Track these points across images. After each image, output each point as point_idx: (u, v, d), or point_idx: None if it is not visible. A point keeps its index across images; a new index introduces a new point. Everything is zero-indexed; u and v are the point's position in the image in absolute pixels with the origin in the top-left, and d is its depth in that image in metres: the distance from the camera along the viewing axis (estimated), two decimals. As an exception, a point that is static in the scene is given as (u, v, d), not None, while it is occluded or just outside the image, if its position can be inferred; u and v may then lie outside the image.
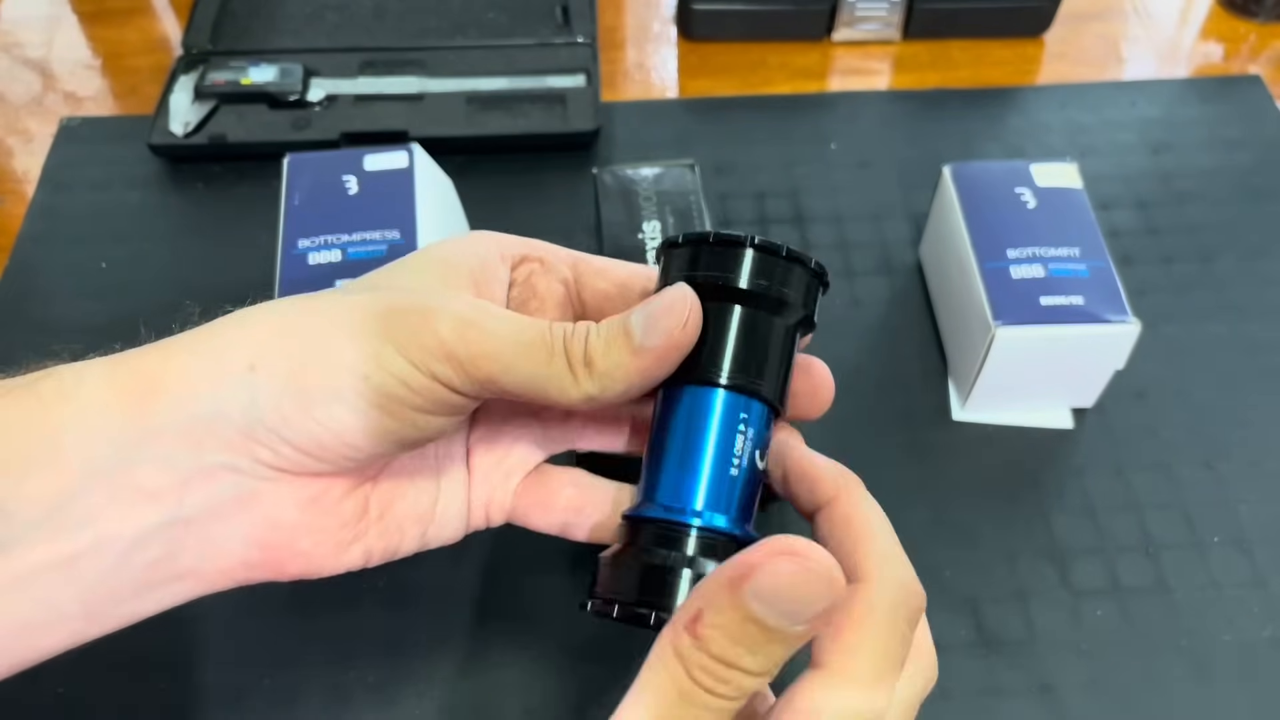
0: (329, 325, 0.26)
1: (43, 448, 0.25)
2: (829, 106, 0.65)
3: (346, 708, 0.42)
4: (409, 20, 0.67)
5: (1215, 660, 0.44)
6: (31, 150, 0.63)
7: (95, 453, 0.25)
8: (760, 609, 0.21)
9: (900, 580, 0.25)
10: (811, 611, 0.22)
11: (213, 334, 0.27)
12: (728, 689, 0.22)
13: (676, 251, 0.29)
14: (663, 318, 0.27)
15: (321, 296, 0.27)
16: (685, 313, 0.27)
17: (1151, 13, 0.71)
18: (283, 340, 0.26)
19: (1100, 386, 0.49)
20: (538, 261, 0.31)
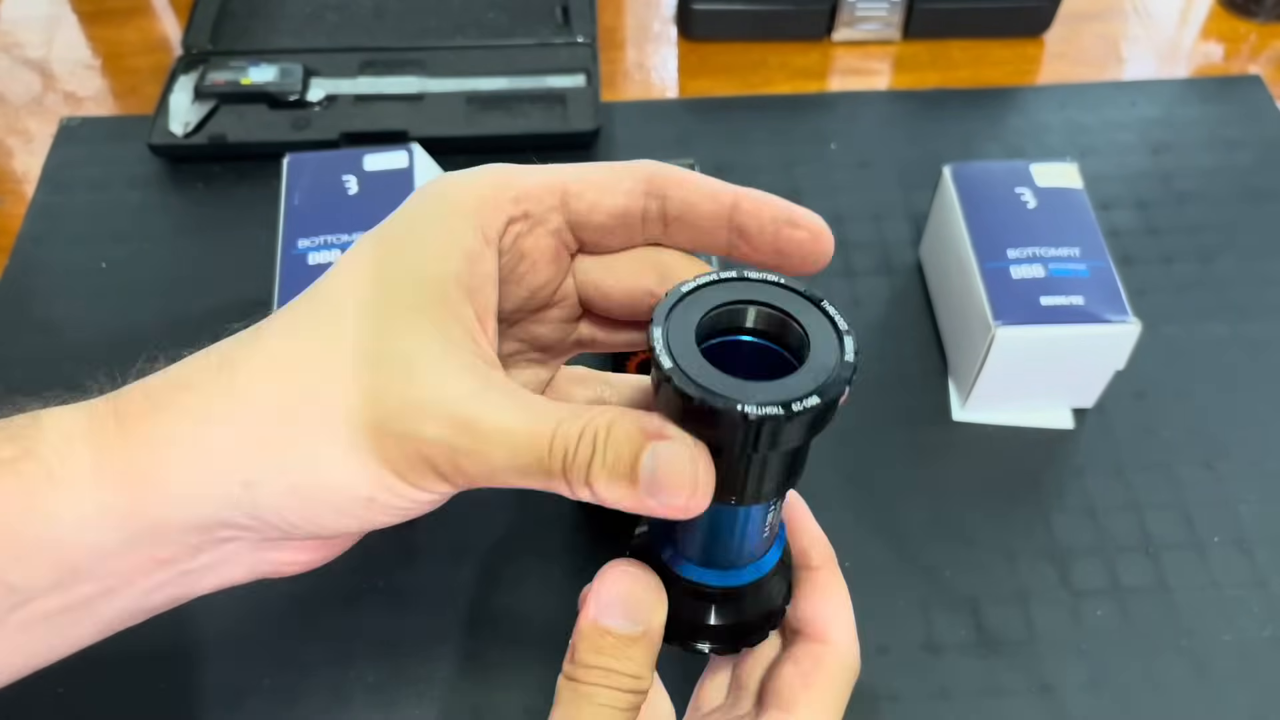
0: (321, 428, 0.24)
1: (40, 535, 0.25)
2: (829, 106, 0.65)
3: (346, 708, 0.42)
4: (409, 20, 0.67)
5: (1215, 660, 0.44)
6: (31, 150, 0.63)
7: (100, 539, 0.25)
8: (606, 622, 0.26)
9: (856, 651, 0.30)
10: (645, 612, 0.26)
11: (199, 429, 0.25)
12: (612, 680, 0.26)
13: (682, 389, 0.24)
14: (668, 486, 0.24)
15: (313, 351, 0.25)
16: (694, 487, 0.24)
17: (1151, 13, 0.71)
18: (275, 450, 0.25)
19: (1100, 386, 0.49)
20: (522, 219, 0.28)
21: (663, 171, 0.28)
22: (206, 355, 0.26)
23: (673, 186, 0.27)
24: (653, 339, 0.24)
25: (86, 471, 0.25)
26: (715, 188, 0.28)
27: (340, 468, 0.24)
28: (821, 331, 0.25)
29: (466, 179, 0.27)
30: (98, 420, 0.25)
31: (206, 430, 0.25)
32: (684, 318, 0.25)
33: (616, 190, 0.28)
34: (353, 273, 0.26)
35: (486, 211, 0.27)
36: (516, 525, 0.47)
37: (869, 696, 0.43)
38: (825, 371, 0.24)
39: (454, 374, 0.24)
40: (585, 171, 0.28)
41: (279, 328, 0.26)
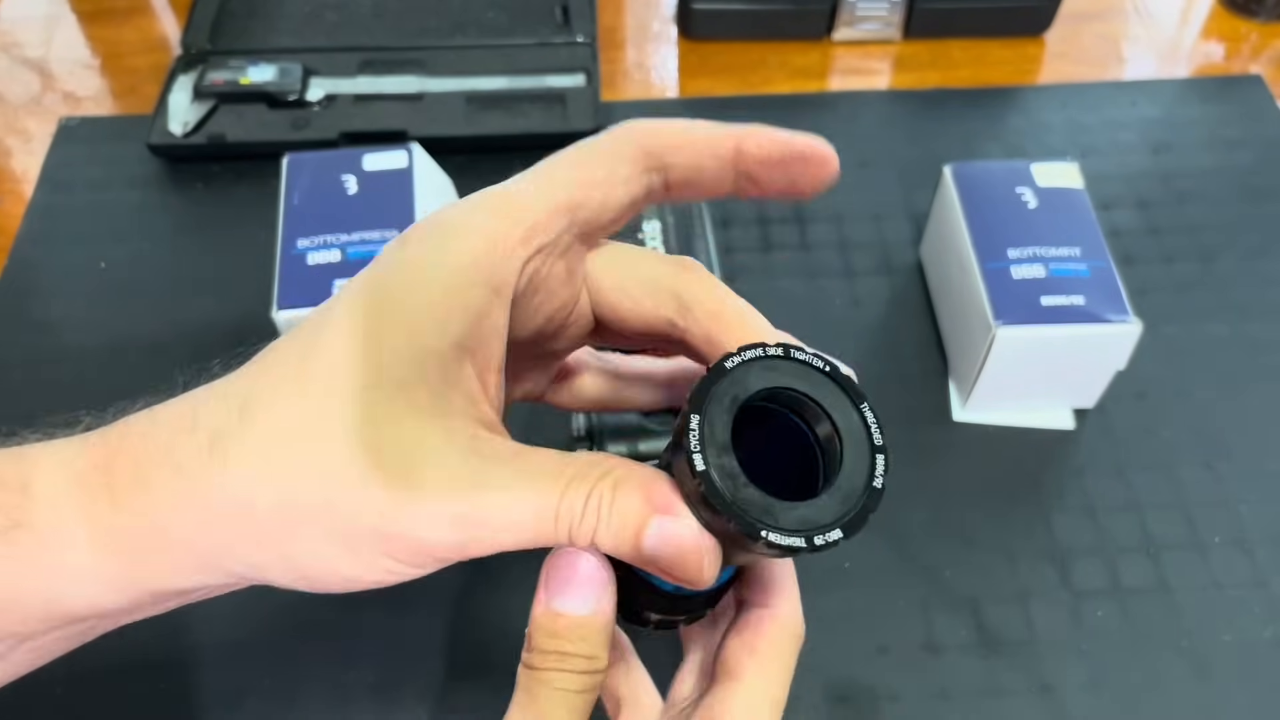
0: (321, 532, 0.24)
1: (41, 597, 0.25)
2: (829, 106, 0.65)
3: (346, 708, 0.42)
4: (408, 19, 0.67)
5: (1216, 660, 0.44)
6: (30, 150, 0.63)
7: (101, 599, 0.26)
8: (558, 604, 0.25)
9: (799, 617, 0.29)
10: (595, 592, 0.25)
11: (198, 523, 0.24)
12: (567, 664, 0.25)
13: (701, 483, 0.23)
14: (670, 566, 0.24)
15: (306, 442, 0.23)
16: (699, 571, 0.24)
17: (1152, 12, 0.71)
18: (277, 546, 0.24)
19: (1101, 387, 0.49)
20: (536, 255, 0.26)
21: (656, 137, 0.27)
22: (194, 431, 0.24)
23: (671, 152, 0.27)
24: (688, 431, 0.23)
25: (83, 544, 0.24)
26: (715, 142, 0.27)
27: (344, 564, 0.24)
28: (855, 441, 0.25)
29: (469, 219, 0.25)
30: (89, 491, 0.24)
31: (205, 527, 0.24)
32: (720, 401, 0.24)
33: (616, 183, 0.27)
34: (345, 337, 0.24)
35: (496, 259, 0.25)
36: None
37: (869, 696, 0.43)
38: (852, 496, 0.24)
39: (455, 463, 0.23)
40: (582, 173, 0.27)
41: (268, 403, 0.24)
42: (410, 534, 0.23)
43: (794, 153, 0.27)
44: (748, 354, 0.24)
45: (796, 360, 0.25)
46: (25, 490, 0.24)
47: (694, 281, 0.27)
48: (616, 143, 0.27)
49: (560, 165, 0.27)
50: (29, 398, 0.52)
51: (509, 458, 0.24)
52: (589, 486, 0.24)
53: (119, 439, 0.25)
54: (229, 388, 0.25)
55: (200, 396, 0.25)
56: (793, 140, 0.27)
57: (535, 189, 0.26)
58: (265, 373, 0.24)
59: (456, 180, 0.55)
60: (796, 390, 0.25)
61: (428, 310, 0.24)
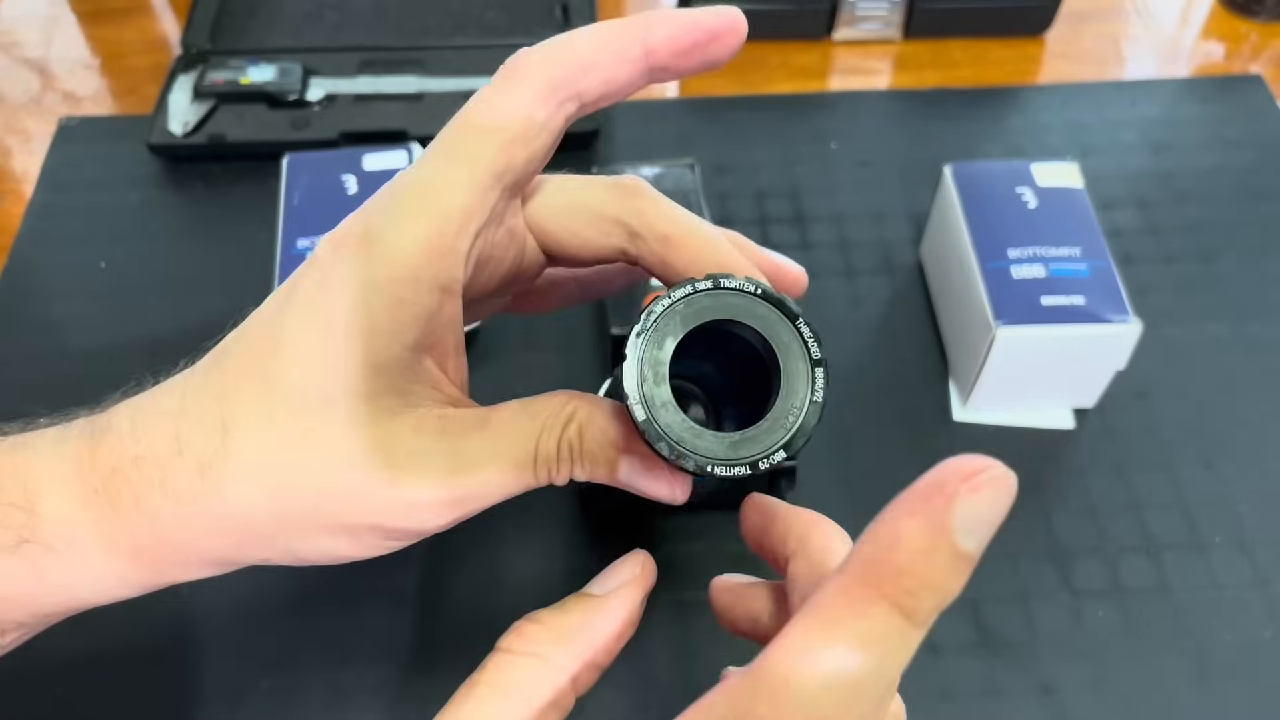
0: (319, 530, 0.26)
1: (58, 600, 0.27)
2: (829, 106, 0.65)
3: (346, 708, 0.42)
4: (408, 19, 0.67)
5: (1216, 661, 0.44)
6: (30, 150, 0.63)
7: (118, 593, 0.27)
8: None
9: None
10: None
11: (200, 537, 0.26)
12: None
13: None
14: (646, 490, 0.27)
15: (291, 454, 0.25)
16: (670, 493, 0.27)
17: (1152, 12, 0.71)
18: (280, 544, 0.26)
19: (1101, 386, 0.49)
20: (478, 239, 0.26)
21: (560, 66, 0.25)
22: (182, 456, 0.25)
23: (580, 77, 0.25)
24: (623, 381, 0.24)
25: (97, 551, 0.26)
26: (622, 50, 0.25)
27: (345, 549, 0.26)
28: (792, 358, 0.26)
29: (401, 231, 0.25)
30: (95, 510, 0.25)
31: (209, 537, 0.26)
32: (656, 341, 0.25)
33: (535, 131, 0.25)
34: (305, 356, 0.25)
35: (438, 262, 0.25)
36: (516, 525, 0.47)
37: (870, 697, 0.43)
38: (793, 413, 0.25)
39: (434, 453, 0.25)
40: (499, 135, 0.25)
41: (246, 426, 0.25)
42: (409, 524, 0.25)
43: (705, 34, 0.26)
44: (676, 293, 0.25)
45: (726, 289, 0.25)
46: (32, 511, 0.25)
47: (640, 207, 0.27)
48: (523, 86, 0.25)
49: (474, 133, 0.25)
50: (29, 398, 0.51)
51: (479, 427, 0.26)
52: (556, 434, 0.26)
53: (111, 464, 0.25)
54: (204, 407, 0.25)
55: (179, 413, 0.26)
56: (699, 21, 0.26)
57: (457, 170, 0.25)
58: (236, 390, 0.25)
59: (456, 180, 0.55)
60: (727, 319, 0.25)
61: (380, 323, 0.25)
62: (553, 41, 0.25)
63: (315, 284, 0.25)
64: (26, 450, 0.26)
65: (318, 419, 0.25)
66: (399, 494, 0.25)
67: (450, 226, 0.25)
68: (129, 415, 0.26)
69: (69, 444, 0.26)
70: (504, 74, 0.25)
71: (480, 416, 0.26)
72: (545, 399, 0.27)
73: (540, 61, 0.25)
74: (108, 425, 0.26)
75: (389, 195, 0.26)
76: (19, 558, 0.25)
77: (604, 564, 0.29)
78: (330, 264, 0.25)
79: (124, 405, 0.27)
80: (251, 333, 0.26)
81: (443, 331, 0.26)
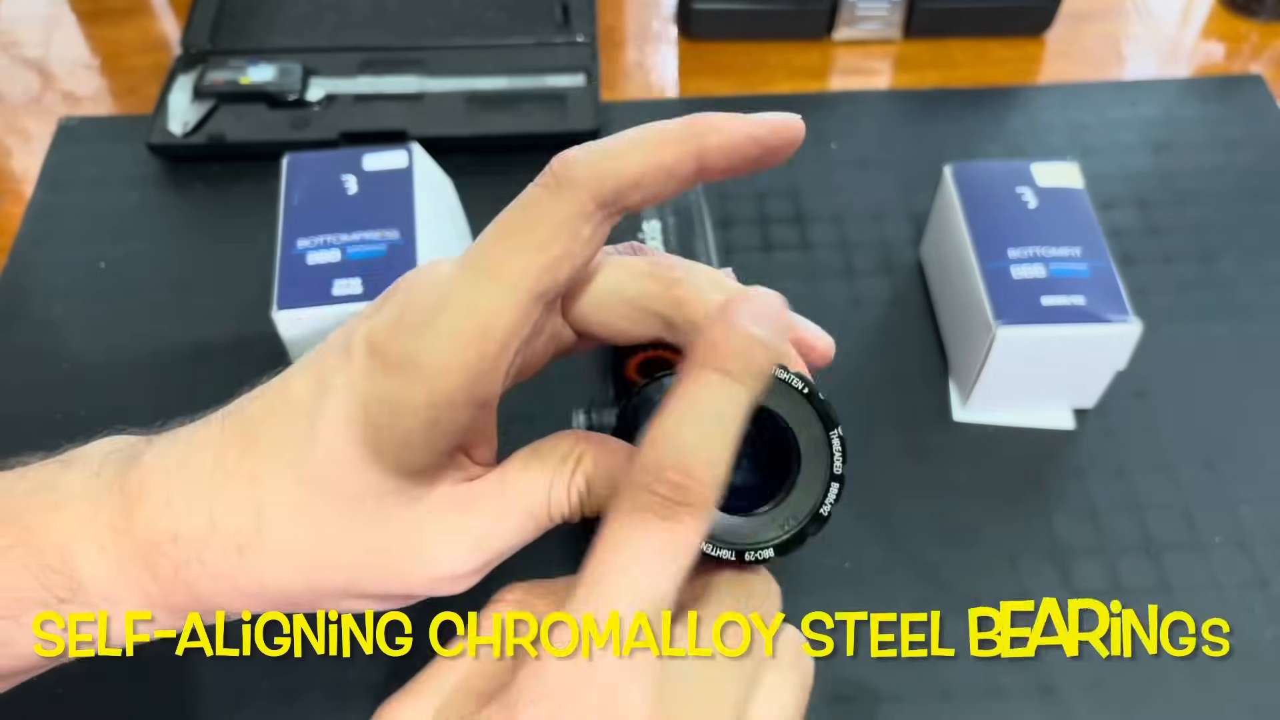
0: (355, 594, 0.27)
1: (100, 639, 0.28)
2: (829, 106, 0.65)
3: (346, 708, 0.42)
4: (408, 19, 0.67)
5: (1216, 661, 0.44)
6: (30, 150, 0.63)
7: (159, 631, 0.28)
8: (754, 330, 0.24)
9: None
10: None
11: (239, 590, 0.27)
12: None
13: None
14: None
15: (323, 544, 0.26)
16: None
17: (1153, 12, 0.71)
18: (317, 605, 0.28)
19: (1101, 387, 0.49)
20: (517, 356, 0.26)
21: (607, 184, 0.24)
22: (217, 533, 0.26)
23: (628, 194, 0.24)
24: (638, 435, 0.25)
25: (138, 603, 0.27)
26: (674, 167, 0.24)
27: (374, 606, 0.28)
28: (816, 464, 0.26)
29: (440, 359, 0.24)
30: (135, 577, 0.26)
31: (248, 601, 0.27)
32: None
33: (578, 249, 0.25)
34: (342, 458, 0.25)
35: (477, 385, 0.25)
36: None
37: (870, 698, 0.43)
38: (797, 517, 0.25)
39: (458, 533, 0.27)
40: (542, 256, 0.24)
41: (281, 513, 0.26)
42: (436, 591, 0.27)
43: (761, 150, 0.25)
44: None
45: (774, 378, 0.25)
46: (70, 574, 0.26)
47: (680, 298, 0.26)
48: (570, 201, 0.24)
49: (518, 251, 0.24)
50: (29, 398, 0.52)
51: (497, 493, 0.27)
52: (565, 484, 0.27)
53: (149, 538, 0.26)
54: (238, 488, 0.26)
55: (214, 489, 0.26)
56: (756, 136, 0.25)
57: (499, 291, 0.24)
58: (268, 476, 0.26)
59: (456, 180, 0.55)
60: (765, 407, 0.25)
61: (415, 440, 0.25)
62: (604, 152, 0.24)
63: (348, 392, 0.25)
64: (59, 512, 0.26)
65: (348, 512, 0.26)
66: (428, 571, 0.27)
67: (490, 350, 0.24)
68: (162, 484, 0.26)
69: (102, 505, 0.26)
70: (551, 183, 0.24)
71: (497, 480, 0.27)
72: (552, 443, 0.27)
73: (589, 176, 0.24)
74: (141, 490, 0.26)
75: (425, 311, 0.24)
76: (64, 611, 0.27)
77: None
78: (365, 376, 0.25)
79: (155, 466, 0.27)
80: (282, 415, 0.26)
81: (475, 436, 0.27)
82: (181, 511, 0.26)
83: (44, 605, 0.26)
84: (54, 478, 0.27)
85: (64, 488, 0.27)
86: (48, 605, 0.26)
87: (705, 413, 0.22)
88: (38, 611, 0.26)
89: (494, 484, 0.27)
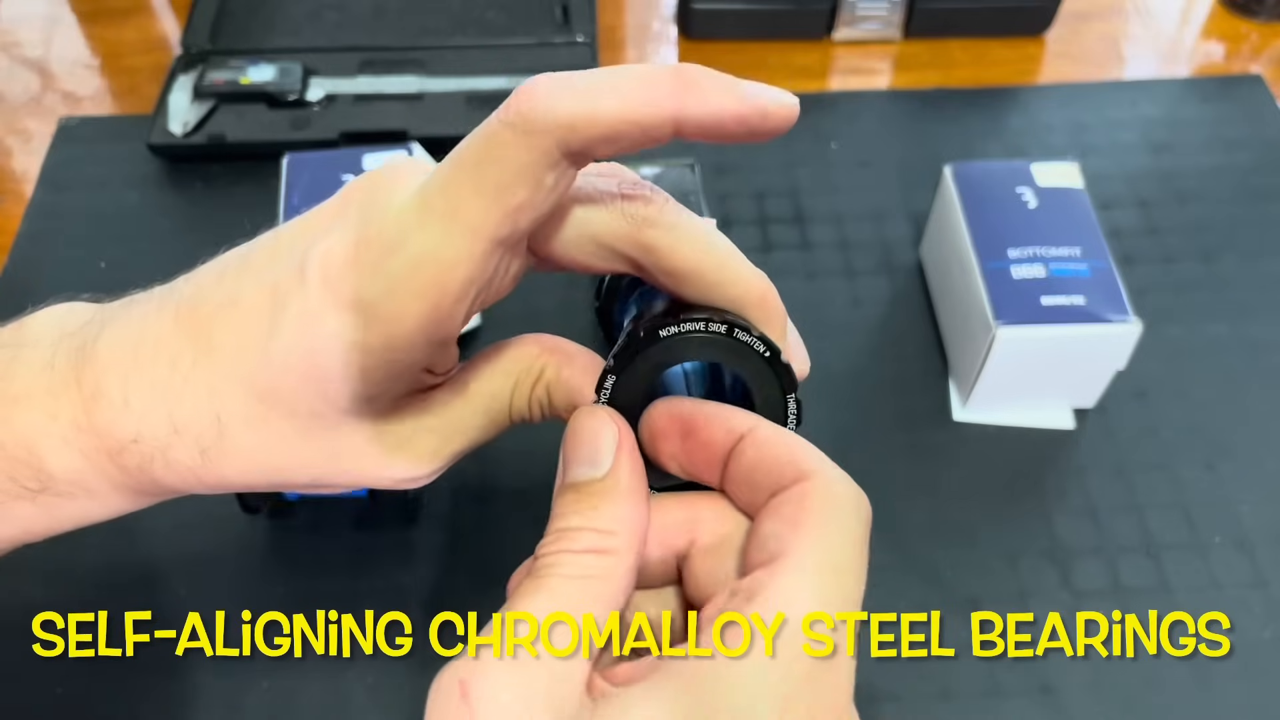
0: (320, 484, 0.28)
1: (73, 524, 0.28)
2: (829, 106, 0.65)
3: (346, 708, 0.42)
4: (408, 19, 0.67)
5: (1216, 661, 0.44)
6: (30, 150, 0.63)
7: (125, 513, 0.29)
8: (568, 475, 0.25)
9: (845, 478, 0.24)
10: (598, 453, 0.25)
11: (203, 485, 0.27)
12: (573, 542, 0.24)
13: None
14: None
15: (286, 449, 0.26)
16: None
17: (1153, 12, 0.71)
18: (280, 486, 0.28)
19: (1101, 387, 0.49)
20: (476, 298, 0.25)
21: (577, 134, 0.22)
22: (180, 435, 0.26)
23: (600, 146, 0.22)
24: (601, 389, 0.26)
25: (110, 493, 0.27)
26: (649, 126, 0.22)
27: (339, 491, 0.29)
28: (773, 415, 0.26)
29: (393, 305, 0.23)
30: (102, 468, 0.27)
31: (210, 493, 0.28)
32: (643, 364, 0.25)
33: (541, 197, 0.23)
34: (298, 385, 0.25)
35: (433, 329, 0.24)
36: (515, 525, 0.47)
37: (870, 698, 0.43)
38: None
39: (419, 436, 0.27)
40: (503, 201, 0.22)
41: (243, 421, 0.26)
42: (399, 488, 0.28)
43: (742, 128, 0.22)
44: (687, 325, 0.24)
45: (737, 340, 0.24)
46: (39, 467, 0.26)
47: (651, 243, 0.25)
48: (533, 151, 0.22)
49: (478, 195, 0.23)
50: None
51: (458, 395, 0.27)
52: (527, 392, 0.27)
53: (112, 436, 0.26)
54: (197, 399, 0.26)
55: (174, 398, 0.26)
56: (743, 116, 0.22)
57: (457, 240, 0.23)
58: (226, 391, 0.26)
59: (456, 180, 0.55)
60: (728, 367, 0.25)
61: (372, 376, 0.25)
62: (577, 94, 0.22)
63: (301, 319, 0.24)
64: (19, 405, 0.26)
65: (309, 426, 0.26)
66: (390, 474, 0.27)
67: (447, 300, 0.23)
68: (119, 384, 0.26)
69: (61, 403, 0.26)
70: (517, 122, 0.22)
71: (458, 385, 0.27)
72: (517, 349, 0.28)
73: (556, 122, 0.22)
74: (97, 389, 0.26)
75: (381, 251, 0.23)
76: (33, 503, 0.27)
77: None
78: (319, 309, 0.24)
79: (109, 360, 0.26)
80: (236, 326, 0.25)
81: (433, 363, 0.26)
82: (140, 414, 0.26)
83: (15, 497, 0.27)
84: (5, 367, 0.27)
85: (19, 379, 0.27)
86: (19, 497, 0.27)
87: None
88: (8, 503, 0.27)
89: (455, 391, 0.27)
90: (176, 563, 0.46)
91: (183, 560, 0.46)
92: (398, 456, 0.27)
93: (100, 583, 0.45)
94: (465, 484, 0.48)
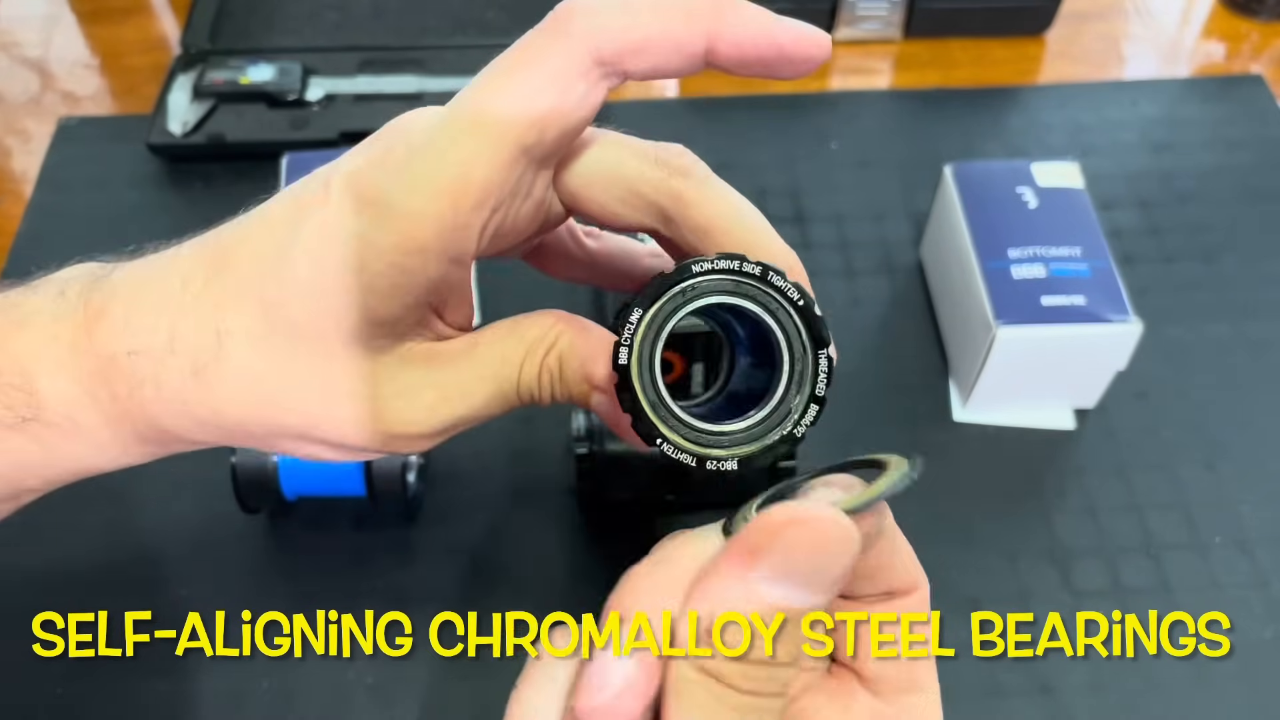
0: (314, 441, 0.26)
1: (67, 469, 0.28)
2: (829, 106, 0.65)
3: (346, 708, 0.42)
4: (408, 19, 0.67)
5: (1216, 660, 0.44)
6: (30, 150, 0.63)
7: (124, 461, 0.28)
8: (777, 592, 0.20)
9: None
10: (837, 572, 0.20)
11: (195, 417, 0.26)
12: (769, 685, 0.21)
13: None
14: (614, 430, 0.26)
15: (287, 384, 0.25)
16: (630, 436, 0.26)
17: (1153, 12, 0.71)
18: (273, 446, 0.27)
19: (1102, 387, 0.49)
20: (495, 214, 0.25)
21: (612, 43, 0.23)
22: (174, 354, 0.25)
23: (631, 58, 0.23)
24: (625, 323, 0.23)
25: (100, 427, 0.26)
26: (683, 44, 0.23)
27: (330, 455, 0.27)
28: (799, 382, 0.24)
29: (411, 203, 0.23)
30: (93, 393, 0.26)
31: (205, 430, 0.26)
32: (672, 301, 0.23)
33: (572, 104, 0.23)
34: (308, 296, 0.25)
35: (449, 238, 0.23)
36: (516, 525, 0.47)
37: (870, 697, 0.43)
38: (768, 432, 0.24)
39: (418, 390, 0.26)
40: (533, 105, 0.23)
41: (246, 345, 0.25)
42: (393, 451, 0.26)
43: (777, 53, 0.23)
44: (720, 263, 0.23)
45: (771, 284, 0.24)
46: (31, 391, 0.26)
47: (682, 192, 0.25)
48: (565, 53, 0.23)
49: (505, 99, 0.23)
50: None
51: (466, 354, 0.26)
52: (539, 361, 0.26)
53: (107, 352, 0.26)
54: (201, 311, 0.25)
55: (176, 311, 0.25)
56: (776, 37, 0.23)
57: (479, 141, 0.23)
58: (234, 303, 0.25)
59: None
60: (752, 313, 0.24)
61: (380, 285, 0.24)
62: (614, 3, 0.23)
63: (321, 226, 0.24)
64: (22, 329, 0.26)
65: (310, 350, 0.25)
66: (384, 429, 0.25)
67: (466, 203, 0.23)
68: (125, 304, 0.26)
69: (64, 324, 0.26)
70: (549, 31, 0.23)
71: (469, 343, 0.26)
72: (534, 319, 0.26)
73: (590, 29, 0.23)
74: (102, 309, 0.26)
75: (405, 153, 0.24)
76: (23, 434, 0.26)
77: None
78: (338, 213, 0.24)
79: (121, 286, 0.26)
80: (255, 246, 0.26)
81: (446, 293, 0.26)
82: (140, 328, 0.25)
83: (6, 425, 0.26)
84: (20, 298, 0.27)
85: (28, 306, 0.27)
86: (11, 425, 0.26)
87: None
88: (1, 432, 0.26)
89: (464, 345, 0.26)
90: (176, 563, 0.46)
91: (183, 560, 0.46)
92: (394, 405, 0.25)
93: (100, 583, 0.45)
94: (465, 484, 0.48)
